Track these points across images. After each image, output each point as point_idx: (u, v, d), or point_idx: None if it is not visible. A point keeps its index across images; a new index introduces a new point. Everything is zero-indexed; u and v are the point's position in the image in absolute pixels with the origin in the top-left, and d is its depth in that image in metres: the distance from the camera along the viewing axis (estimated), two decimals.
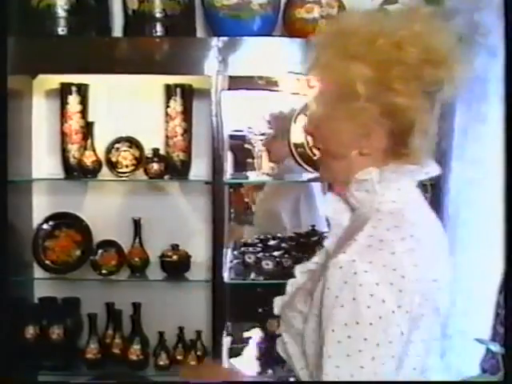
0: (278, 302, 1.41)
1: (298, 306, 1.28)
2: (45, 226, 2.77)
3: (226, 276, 2.60)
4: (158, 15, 2.59)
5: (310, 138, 1.43)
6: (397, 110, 1.21)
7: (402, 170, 1.26)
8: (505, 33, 2.04)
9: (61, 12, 2.55)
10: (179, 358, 2.72)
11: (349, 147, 1.26)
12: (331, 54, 1.25)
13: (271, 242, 2.91)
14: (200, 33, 2.72)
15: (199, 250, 2.70)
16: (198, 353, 2.69)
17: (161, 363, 2.71)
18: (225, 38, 2.47)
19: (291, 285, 1.41)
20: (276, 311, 1.42)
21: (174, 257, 2.69)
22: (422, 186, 2.41)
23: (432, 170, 1.31)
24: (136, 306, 2.74)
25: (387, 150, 1.26)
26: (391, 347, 1.14)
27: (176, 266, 2.70)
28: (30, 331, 2.68)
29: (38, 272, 2.81)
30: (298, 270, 1.42)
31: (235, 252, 2.86)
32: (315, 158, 1.37)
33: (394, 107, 1.20)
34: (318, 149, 1.36)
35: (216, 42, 2.47)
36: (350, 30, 1.25)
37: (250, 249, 2.83)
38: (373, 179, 1.25)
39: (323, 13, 2.59)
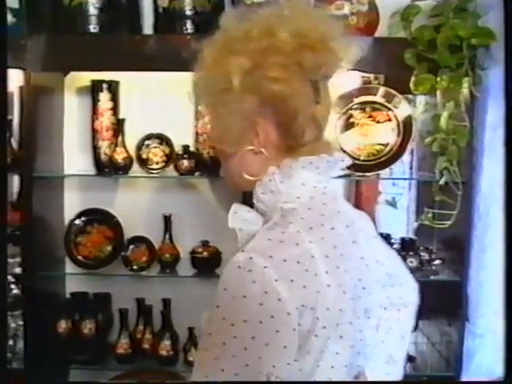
0: (204, 318, 1.29)
1: None
2: (77, 222, 2.81)
3: None
4: (188, 12, 2.60)
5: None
6: (276, 99, 1.18)
7: (300, 164, 1.22)
8: (505, 32, 2.01)
9: (92, 10, 2.57)
10: None
11: (237, 144, 1.23)
12: (214, 52, 1.23)
13: None
14: None
15: (230, 246, 2.66)
16: None
17: (190, 359, 2.72)
18: None
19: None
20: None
21: (205, 253, 2.71)
22: (454, 184, 2.42)
23: (335, 160, 1.26)
24: (166, 302, 2.76)
25: (279, 146, 1.22)
26: (286, 352, 1.10)
27: (206, 263, 2.71)
28: (63, 325, 2.71)
29: (69, 267, 2.85)
30: None
31: None
32: None
33: (273, 95, 1.17)
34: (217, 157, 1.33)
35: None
36: (230, 26, 1.23)
37: None
38: (275, 179, 1.21)
39: (353, 9, 2.58)
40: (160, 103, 2.77)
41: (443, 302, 2.71)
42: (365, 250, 1.27)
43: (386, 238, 2.83)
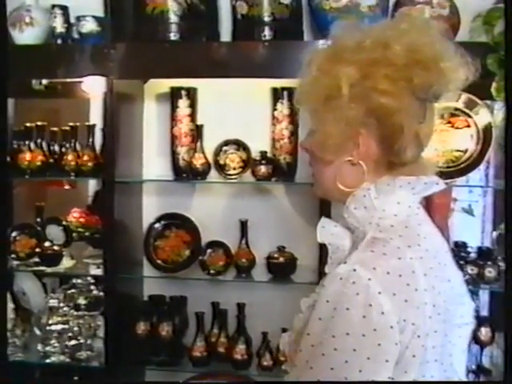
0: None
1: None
2: (156, 226, 2.87)
3: None
4: (266, 19, 2.61)
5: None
6: (382, 112, 1.16)
7: (398, 182, 1.21)
8: (505, 33, 1.95)
9: (173, 18, 2.61)
10: (282, 359, 2.74)
11: (337, 152, 1.22)
12: (322, 59, 1.23)
13: None
14: (307, 36, 2.73)
15: (305, 252, 2.69)
16: None
17: (264, 364, 2.72)
18: None
19: (298, 320, 1.28)
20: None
21: (281, 259, 2.71)
22: None
23: (431, 182, 1.24)
24: (241, 307, 2.78)
25: (379, 161, 1.22)
26: (387, 367, 1.08)
27: (282, 268, 2.71)
28: (142, 327, 2.76)
29: (146, 270, 2.90)
30: (304, 304, 1.28)
31: None
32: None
33: (380, 108, 1.16)
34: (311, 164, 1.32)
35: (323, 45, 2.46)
36: (342, 35, 1.24)
37: None
38: (370, 194, 1.20)
39: (434, 13, 2.54)
40: (237, 109, 2.81)
41: None
42: (450, 272, 1.26)
43: (462, 246, 2.79)
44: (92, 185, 3.06)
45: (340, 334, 1.08)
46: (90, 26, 2.68)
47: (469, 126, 2.61)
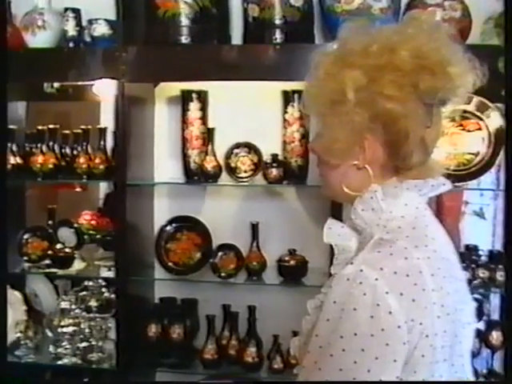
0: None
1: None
2: (167, 228, 2.88)
3: None
4: (277, 22, 2.61)
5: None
6: (388, 117, 1.16)
7: (405, 185, 1.21)
8: (505, 33, 1.95)
9: (185, 21, 2.61)
10: (293, 362, 2.74)
11: (343, 157, 1.22)
12: (329, 63, 1.23)
13: None
14: (318, 39, 2.72)
15: (317, 255, 2.68)
16: None
17: (275, 366, 2.72)
18: None
19: (305, 323, 1.27)
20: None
21: (292, 261, 2.71)
22: None
23: (438, 184, 1.24)
24: (251, 309, 2.78)
25: (385, 165, 1.22)
26: (395, 367, 1.09)
27: (293, 271, 2.71)
28: (153, 329, 2.76)
29: (157, 272, 2.90)
30: (310, 305, 1.28)
31: None
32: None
33: (385, 113, 1.16)
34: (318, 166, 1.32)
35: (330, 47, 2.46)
36: (349, 38, 1.23)
37: None
38: (377, 196, 1.20)
39: (446, 16, 2.54)
40: (248, 112, 2.81)
41: None
42: (457, 273, 1.26)
43: (474, 249, 2.78)
44: (103, 187, 3.07)
45: (348, 335, 1.08)
46: (101, 29, 2.69)
47: (480, 129, 2.60)
